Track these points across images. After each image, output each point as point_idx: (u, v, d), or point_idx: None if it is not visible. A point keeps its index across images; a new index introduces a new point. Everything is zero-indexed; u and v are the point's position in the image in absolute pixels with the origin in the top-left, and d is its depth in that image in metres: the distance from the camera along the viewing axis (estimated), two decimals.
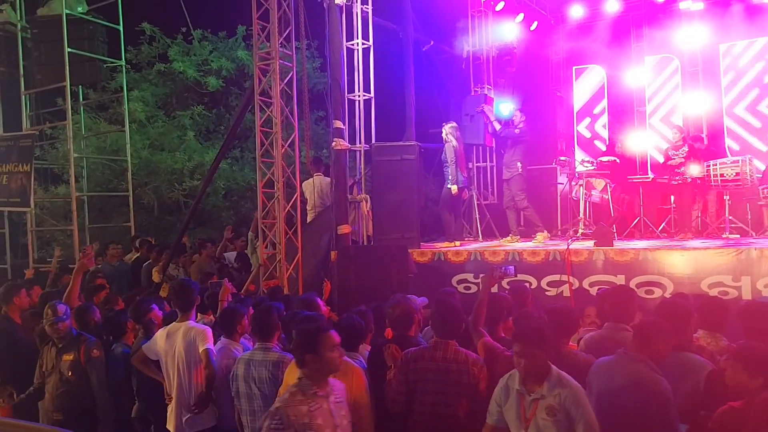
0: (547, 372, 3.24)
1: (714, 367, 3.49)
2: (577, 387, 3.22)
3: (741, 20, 10.59)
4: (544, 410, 3.17)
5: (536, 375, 3.23)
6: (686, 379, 3.39)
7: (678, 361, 3.48)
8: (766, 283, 6.20)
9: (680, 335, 3.53)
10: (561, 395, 3.15)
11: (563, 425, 3.14)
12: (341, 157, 8.32)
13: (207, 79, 14.74)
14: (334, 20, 8.39)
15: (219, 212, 14.32)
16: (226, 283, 5.65)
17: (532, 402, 3.22)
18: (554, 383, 3.20)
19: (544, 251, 7.44)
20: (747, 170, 8.35)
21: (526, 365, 3.22)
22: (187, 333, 4.63)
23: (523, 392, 3.27)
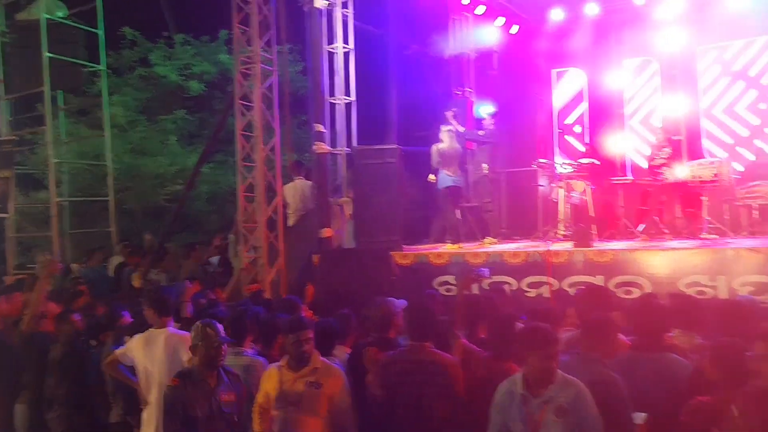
0: (554, 373, 3.21)
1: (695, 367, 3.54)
2: (582, 385, 3.19)
3: (718, 23, 10.73)
4: (554, 412, 3.13)
5: (545, 378, 3.19)
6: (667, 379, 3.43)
7: (659, 361, 3.52)
8: (742, 282, 6.25)
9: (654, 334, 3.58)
10: (569, 394, 3.13)
11: (572, 425, 3.11)
12: (323, 161, 8.35)
13: (189, 84, 14.72)
14: (315, 24, 8.42)
15: (202, 216, 14.27)
16: (187, 284, 5.63)
17: (540, 405, 3.17)
18: (561, 384, 3.17)
19: (525, 253, 7.49)
20: (724, 171, 8.46)
21: (547, 366, 3.17)
22: (169, 340, 4.58)
23: (528, 396, 3.21)
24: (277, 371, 3.89)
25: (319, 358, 3.89)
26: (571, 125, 12.22)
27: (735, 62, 11.03)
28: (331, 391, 3.79)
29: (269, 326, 4.52)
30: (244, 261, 8.22)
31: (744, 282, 6.26)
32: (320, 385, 3.79)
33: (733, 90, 11.03)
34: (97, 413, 5.16)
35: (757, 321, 3.71)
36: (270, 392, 3.87)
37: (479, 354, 3.90)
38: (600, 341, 3.47)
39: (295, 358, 3.83)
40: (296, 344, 3.81)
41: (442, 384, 3.64)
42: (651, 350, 3.56)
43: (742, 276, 6.30)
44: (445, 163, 8.81)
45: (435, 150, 8.82)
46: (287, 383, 3.82)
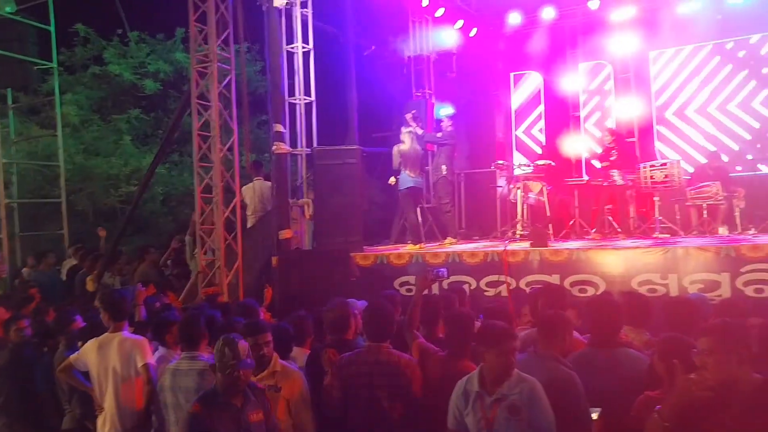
0: (511, 371, 3.22)
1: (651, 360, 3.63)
2: (535, 381, 3.21)
3: (669, 28, 11.05)
4: (506, 410, 3.14)
5: (501, 375, 3.20)
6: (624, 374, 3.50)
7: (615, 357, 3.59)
8: (691, 280, 6.45)
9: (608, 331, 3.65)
10: (522, 392, 3.14)
11: (524, 423, 3.13)
12: (282, 161, 8.27)
13: (144, 82, 14.43)
14: (274, 23, 8.34)
15: (157, 218, 14.02)
16: (139, 287, 5.53)
17: (493, 403, 3.18)
18: (515, 381, 3.18)
19: (483, 253, 7.57)
20: (675, 173, 8.70)
21: (504, 362, 3.18)
22: (122, 344, 4.49)
23: (483, 394, 3.22)
24: None
25: (278, 361, 3.85)
26: (529, 127, 12.42)
27: (686, 66, 11.37)
28: (290, 393, 3.76)
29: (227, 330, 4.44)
30: (200, 264, 8.09)
31: (693, 280, 6.46)
32: (279, 389, 3.75)
33: (683, 93, 11.37)
34: (46, 421, 5.00)
35: (705, 317, 3.83)
36: None
37: (437, 353, 3.92)
38: (555, 339, 3.51)
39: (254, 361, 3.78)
40: (254, 348, 3.76)
41: (399, 384, 3.64)
42: (606, 346, 3.63)
43: (692, 274, 6.50)
44: (406, 165, 8.83)
45: (396, 151, 8.84)
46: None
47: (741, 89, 10.91)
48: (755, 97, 10.79)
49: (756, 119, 10.78)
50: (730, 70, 10.99)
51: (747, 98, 10.85)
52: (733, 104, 10.96)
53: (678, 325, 3.83)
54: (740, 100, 10.90)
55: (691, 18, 10.76)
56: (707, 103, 11.16)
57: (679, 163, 8.99)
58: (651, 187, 8.84)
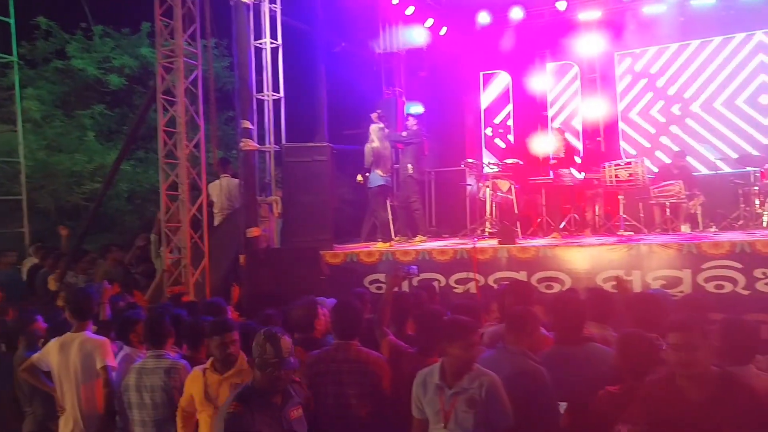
0: (472, 365, 3.28)
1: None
2: (495, 377, 3.26)
3: (634, 30, 11.25)
4: (465, 403, 3.19)
5: (462, 368, 3.25)
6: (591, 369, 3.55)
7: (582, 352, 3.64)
8: (654, 276, 6.58)
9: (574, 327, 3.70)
10: (481, 386, 3.19)
11: (482, 416, 3.18)
12: (250, 158, 8.19)
13: (109, 77, 14.13)
14: (242, 18, 8.25)
15: (122, 216, 13.77)
16: (105, 285, 5.42)
17: (452, 396, 3.23)
18: (474, 376, 3.24)
19: (453, 250, 7.61)
20: (640, 171, 8.88)
21: (466, 356, 3.23)
22: (83, 345, 4.42)
23: (443, 386, 3.28)
24: (202, 374, 3.79)
25: (246, 360, 3.81)
26: (498, 126, 12.52)
27: (650, 67, 11.59)
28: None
29: (194, 329, 4.39)
30: (166, 262, 7.96)
31: (656, 276, 6.59)
32: None
33: (648, 94, 11.59)
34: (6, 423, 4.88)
35: (667, 313, 3.90)
36: (195, 395, 3.78)
37: (406, 351, 3.92)
38: (523, 334, 3.56)
39: (221, 360, 3.74)
40: (221, 346, 3.72)
41: (368, 382, 3.64)
42: (573, 343, 3.68)
43: (655, 270, 6.63)
44: (378, 163, 8.81)
45: (369, 149, 8.79)
46: (212, 386, 3.73)
47: (704, 90, 11.16)
48: (717, 97, 11.06)
49: (718, 120, 11.05)
50: (694, 71, 11.25)
51: (709, 99, 11.11)
52: (696, 105, 11.21)
53: (641, 321, 3.90)
54: (703, 101, 11.15)
55: (656, 20, 10.98)
56: (670, 103, 11.40)
57: (643, 162, 9.18)
58: (616, 186, 9.00)
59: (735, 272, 6.35)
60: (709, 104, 11.11)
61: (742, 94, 10.90)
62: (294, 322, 4.34)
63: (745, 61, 10.87)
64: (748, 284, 6.27)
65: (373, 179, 8.82)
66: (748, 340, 3.32)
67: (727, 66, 10.99)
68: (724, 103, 11.01)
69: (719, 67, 11.05)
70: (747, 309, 5.61)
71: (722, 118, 11.02)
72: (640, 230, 8.89)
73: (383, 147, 8.85)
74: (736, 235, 7.49)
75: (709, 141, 10.95)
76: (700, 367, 2.69)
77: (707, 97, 11.13)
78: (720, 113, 11.04)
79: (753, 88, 10.81)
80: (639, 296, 4.44)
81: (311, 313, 4.29)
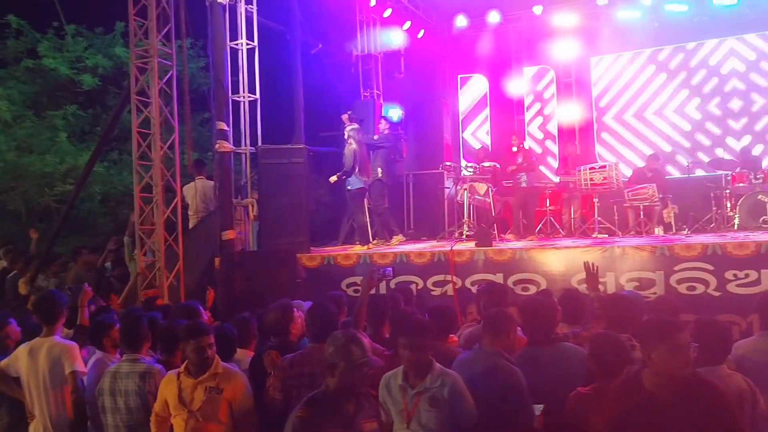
0: (430, 366, 3.34)
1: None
2: (457, 376, 3.35)
3: (609, 35, 11.40)
4: (427, 402, 3.25)
5: (420, 369, 3.32)
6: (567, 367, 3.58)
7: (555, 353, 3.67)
8: (628, 278, 6.66)
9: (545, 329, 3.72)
10: (443, 386, 3.25)
11: (445, 415, 3.23)
12: (225, 160, 8.10)
13: (82, 77, 13.87)
14: (217, 19, 8.17)
15: (95, 218, 13.53)
16: (85, 287, 5.32)
17: (415, 395, 3.29)
18: (436, 375, 3.30)
19: (430, 253, 7.61)
20: (614, 175, 8.99)
21: (411, 357, 3.30)
22: (51, 350, 4.34)
23: (406, 387, 3.34)
24: (176, 378, 3.73)
25: (220, 364, 3.77)
26: (475, 129, 12.59)
27: (624, 72, 11.73)
28: (232, 396, 3.68)
29: (169, 333, 4.32)
30: (140, 265, 7.85)
31: (630, 278, 6.67)
32: (221, 391, 3.67)
33: (622, 98, 11.74)
34: None
35: (640, 314, 3.93)
36: (168, 399, 3.73)
37: (383, 353, 3.90)
38: (500, 335, 3.59)
39: (196, 363, 3.69)
40: (197, 350, 3.67)
41: None
42: (545, 343, 3.71)
43: (629, 272, 6.71)
44: (357, 165, 8.76)
45: (350, 151, 8.70)
46: (186, 390, 3.68)
47: (676, 95, 11.34)
48: (689, 102, 11.24)
49: (690, 124, 11.23)
50: (667, 77, 11.42)
51: (682, 103, 11.29)
52: (669, 109, 11.39)
53: (614, 322, 3.94)
54: (676, 106, 11.33)
55: (630, 25, 11.13)
56: (644, 107, 11.56)
57: (618, 166, 9.29)
58: (590, 189, 9.09)
59: (707, 274, 6.43)
60: (682, 109, 11.28)
61: (714, 99, 11.09)
62: (269, 326, 4.30)
63: (717, 66, 11.07)
64: (720, 286, 6.35)
65: (353, 182, 8.76)
66: (721, 340, 3.40)
67: (700, 71, 11.18)
68: (698, 107, 11.19)
69: (692, 72, 11.24)
70: (718, 310, 5.73)
71: (694, 123, 11.20)
72: (614, 233, 8.99)
73: (362, 149, 8.83)
74: (708, 238, 7.62)
75: (682, 145, 11.11)
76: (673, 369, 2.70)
77: (680, 102, 11.31)
78: (692, 118, 11.23)
79: (725, 93, 11.00)
80: (610, 297, 4.47)
81: (286, 317, 4.26)
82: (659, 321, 2.84)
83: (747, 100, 10.86)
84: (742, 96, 10.89)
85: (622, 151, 11.63)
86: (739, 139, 10.80)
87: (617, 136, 11.75)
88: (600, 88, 11.92)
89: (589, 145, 11.71)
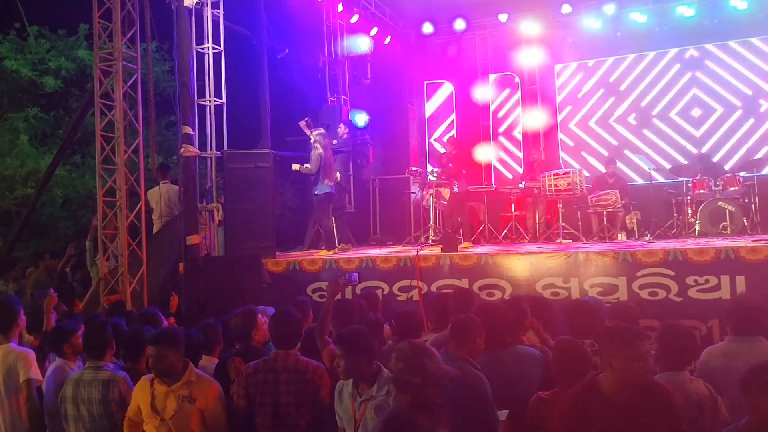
0: (377, 373, 3.34)
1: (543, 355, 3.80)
2: None
3: (573, 43, 11.62)
4: (373, 410, 3.24)
5: (364, 377, 3.32)
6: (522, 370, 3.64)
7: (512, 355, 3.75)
8: (591, 283, 6.74)
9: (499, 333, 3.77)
10: (389, 393, 3.24)
11: None
12: (190, 164, 8.01)
13: (44, 80, 13.60)
14: (183, 23, 8.08)
15: (56, 222, 13.26)
16: (51, 293, 5.20)
17: (362, 403, 3.30)
18: (383, 383, 3.29)
19: (396, 258, 7.63)
20: (577, 181, 9.13)
21: (346, 366, 3.31)
22: (6, 357, 4.24)
23: (355, 394, 3.35)
24: (149, 384, 3.68)
25: (194, 371, 3.72)
26: (442, 135, 12.69)
27: (587, 79, 11.96)
28: (205, 404, 3.63)
29: (134, 339, 4.26)
30: (102, 270, 7.71)
31: (593, 283, 6.74)
32: (194, 400, 3.63)
33: (586, 105, 11.96)
34: None
35: (601, 320, 4.01)
36: (141, 406, 3.68)
37: None
38: (466, 341, 3.61)
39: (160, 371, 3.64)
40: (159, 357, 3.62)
41: (306, 391, 3.60)
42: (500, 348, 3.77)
43: (592, 278, 6.78)
44: (323, 170, 8.74)
45: (317, 156, 8.66)
46: (159, 397, 3.63)
47: (639, 102, 11.60)
48: (652, 109, 11.50)
49: (652, 131, 11.49)
50: (629, 84, 11.67)
51: (644, 111, 11.54)
52: (632, 117, 11.63)
53: (577, 327, 4.01)
54: (638, 113, 11.58)
55: (594, 34, 11.37)
56: (608, 114, 11.79)
57: (581, 172, 9.43)
58: (555, 195, 9.22)
59: (668, 280, 6.51)
60: (645, 116, 11.54)
61: (675, 107, 11.37)
62: (233, 332, 4.26)
63: (678, 75, 11.36)
64: (681, 291, 6.43)
65: (319, 186, 8.74)
66: (685, 346, 3.42)
67: (661, 80, 11.46)
68: (657, 116, 11.46)
69: (653, 81, 11.51)
70: (679, 315, 5.80)
71: (656, 130, 11.47)
72: (578, 238, 9.13)
73: (328, 154, 8.81)
74: (670, 244, 7.71)
75: (644, 152, 11.35)
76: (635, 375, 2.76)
77: (642, 109, 11.56)
78: (654, 125, 11.49)
79: (685, 101, 11.30)
80: (574, 303, 4.55)
81: (250, 322, 4.23)
82: (621, 329, 2.89)
83: (707, 108, 11.15)
84: (702, 104, 11.18)
85: (586, 158, 11.83)
86: (699, 148, 11.07)
87: (581, 142, 11.96)
88: (564, 95, 12.13)
89: (554, 152, 11.90)
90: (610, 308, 4.23)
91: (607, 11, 10.94)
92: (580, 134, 11.99)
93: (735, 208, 8.58)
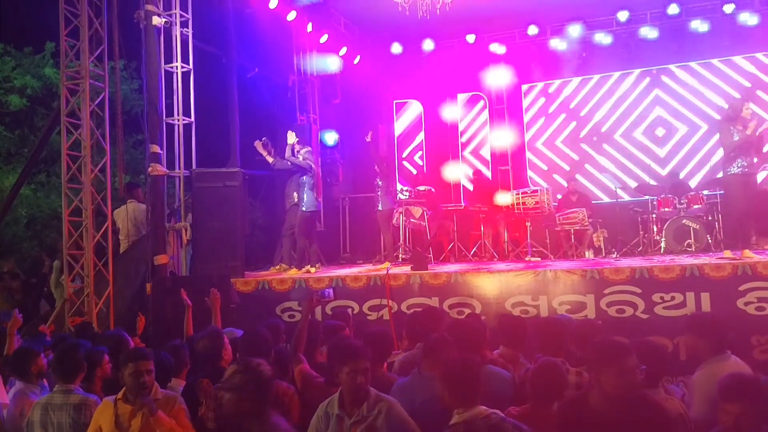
0: (367, 393, 3.28)
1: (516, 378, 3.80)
2: (393, 402, 3.29)
3: (539, 63, 11.85)
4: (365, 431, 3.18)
5: (357, 396, 3.25)
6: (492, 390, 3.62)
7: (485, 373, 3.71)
8: (560, 301, 6.80)
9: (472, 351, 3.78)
10: (379, 413, 3.19)
11: None
12: (158, 184, 7.93)
13: (9, 98, 13.36)
14: (151, 41, 8.04)
15: (20, 243, 12.94)
16: (15, 314, 5.08)
17: (352, 425, 3.21)
18: (372, 402, 3.24)
19: (366, 277, 7.61)
20: (545, 199, 9.25)
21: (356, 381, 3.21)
22: None
23: (343, 416, 3.26)
24: (113, 404, 3.61)
25: (159, 390, 3.67)
26: (411, 154, 12.78)
27: (554, 99, 12.20)
28: (174, 421, 3.57)
29: (89, 360, 4.18)
30: (68, 291, 7.55)
31: (562, 301, 6.81)
32: None
33: (552, 125, 12.18)
34: None
35: (569, 338, 4.06)
36: (103, 426, 3.60)
37: (316, 380, 3.88)
38: (438, 360, 3.58)
39: (133, 389, 3.58)
40: (135, 374, 3.57)
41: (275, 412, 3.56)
42: None
43: (561, 296, 6.84)
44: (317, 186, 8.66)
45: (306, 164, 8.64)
46: (124, 416, 3.57)
47: (605, 122, 11.85)
48: (617, 129, 11.75)
49: (617, 150, 11.73)
50: (594, 104, 11.93)
51: (609, 130, 11.80)
52: (597, 136, 11.86)
53: (547, 344, 4.04)
54: (604, 132, 11.82)
55: (560, 54, 11.61)
56: (574, 134, 12.01)
57: (549, 191, 9.54)
58: (523, 213, 9.32)
59: (635, 297, 6.59)
60: (610, 135, 11.79)
61: (639, 126, 11.64)
62: (200, 354, 4.21)
63: (642, 95, 11.65)
64: (647, 308, 6.52)
65: (308, 203, 8.58)
66: (657, 363, 3.43)
67: (626, 100, 11.74)
68: (623, 135, 11.72)
69: (619, 101, 11.79)
70: (646, 332, 5.82)
71: (622, 149, 11.71)
72: (546, 256, 9.23)
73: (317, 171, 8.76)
74: (636, 261, 7.78)
75: (609, 170, 11.58)
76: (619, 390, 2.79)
77: (608, 129, 11.82)
78: (620, 144, 11.74)
79: (650, 120, 11.58)
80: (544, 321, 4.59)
81: (217, 343, 4.18)
82: (608, 344, 2.93)
83: (670, 127, 11.44)
84: (665, 124, 11.47)
85: (553, 176, 12.01)
86: (664, 167, 11.33)
87: (548, 161, 12.15)
88: (531, 114, 12.34)
89: (521, 170, 12.06)
90: (574, 328, 4.25)
91: (573, 33, 11.20)
92: (548, 153, 12.18)
93: (699, 225, 8.74)
